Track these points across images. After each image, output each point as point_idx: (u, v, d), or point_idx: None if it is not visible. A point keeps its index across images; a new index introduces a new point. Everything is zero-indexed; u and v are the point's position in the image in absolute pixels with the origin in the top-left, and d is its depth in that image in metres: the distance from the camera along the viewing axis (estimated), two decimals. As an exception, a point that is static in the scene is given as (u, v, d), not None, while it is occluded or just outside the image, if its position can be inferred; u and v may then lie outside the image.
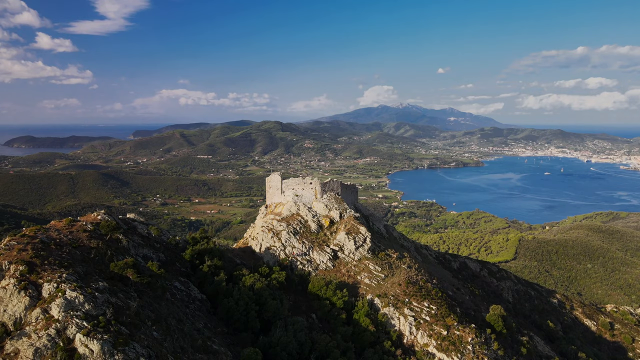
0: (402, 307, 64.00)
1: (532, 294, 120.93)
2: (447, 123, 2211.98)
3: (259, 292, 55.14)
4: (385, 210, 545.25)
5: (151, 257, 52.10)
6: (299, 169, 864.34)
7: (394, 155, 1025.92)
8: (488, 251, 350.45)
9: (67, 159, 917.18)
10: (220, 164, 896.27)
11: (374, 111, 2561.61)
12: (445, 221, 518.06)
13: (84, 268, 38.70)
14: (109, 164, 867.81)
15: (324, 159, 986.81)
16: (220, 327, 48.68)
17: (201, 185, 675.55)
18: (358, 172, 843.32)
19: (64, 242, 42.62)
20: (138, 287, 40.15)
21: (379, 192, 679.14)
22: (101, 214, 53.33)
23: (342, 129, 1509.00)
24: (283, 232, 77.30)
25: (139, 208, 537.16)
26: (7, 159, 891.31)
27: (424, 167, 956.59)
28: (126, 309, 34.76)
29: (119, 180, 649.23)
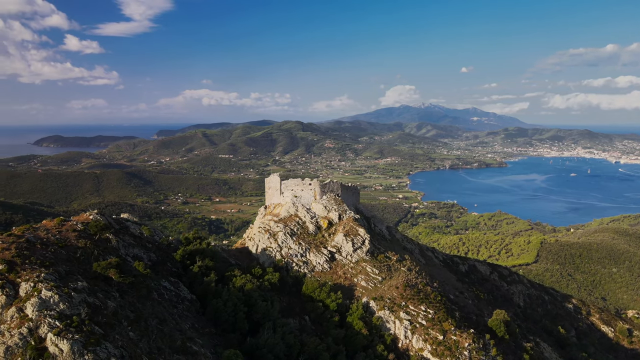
0: (398, 311, 63.10)
1: (546, 298, 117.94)
2: (470, 123, 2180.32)
3: (249, 294, 55.16)
4: (405, 211, 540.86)
5: (141, 257, 52.65)
6: (319, 169, 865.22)
7: (415, 155, 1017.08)
8: (509, 254, 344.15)
9: (93, 158, 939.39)
10: (241, 163, 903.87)
11: (396, 111, 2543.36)
12: (466, 222, 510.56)
13: (67, 267, 39.34)
14: (133, 163, 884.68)
15: (345, 159, 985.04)
16: (208, 328, 48.83)
17: (222, 184, 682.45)
18: (379, 172, 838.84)
19: (51, 241, 43.41)
20: (121, 287, 40.58)
21: (399, 192, 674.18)
22: (93, 213, 54.19)
23: (363, 129, 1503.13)
24: (280, 233, 77.19)
25: (160, 207, 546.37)
26: (37, 157, 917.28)
27: (446, 167, 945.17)
28: (103, 309, 35.10)
29: (142, 179, 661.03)
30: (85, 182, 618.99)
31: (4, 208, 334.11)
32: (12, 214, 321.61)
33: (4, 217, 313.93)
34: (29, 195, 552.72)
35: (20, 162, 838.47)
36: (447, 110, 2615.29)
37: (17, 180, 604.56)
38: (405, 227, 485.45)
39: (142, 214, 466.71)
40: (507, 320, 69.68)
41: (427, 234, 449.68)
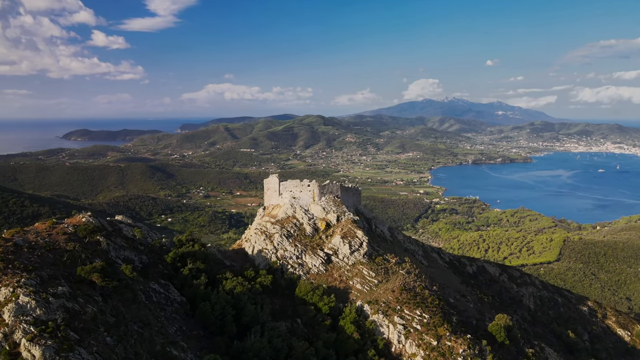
0: (392, 315, 62.28)
1: (559, 300, 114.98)
2: (494, 117, 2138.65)
3: (238, 297, 55.31)
4: (425, 206, 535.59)
5: (132, 259, 53.34)
6: (340, 163, 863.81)
7: (437, 150, 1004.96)
8: (530, 251, 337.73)
9: (119, 152, 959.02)
10: (263, 157, 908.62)
11: (418, 105, 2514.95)
12: (487, 219, 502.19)
13: (51, 272, 40.14)
14: (157, 157, 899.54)
15: (366, 153, 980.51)
16: (196, 331, 49.28)
17: (243, 178, 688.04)
18: (400, 167, 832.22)
19: (40, 245, 44.33)
20: (105, 291, 41.21)
21: (420, 187, 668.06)
22: (86, 216, 55.08)
23: (384, 123, 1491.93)
24: (276, 234, 76.99)
25: (182, 200, 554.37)
26: (65, 151, 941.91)
27: (468, 162, 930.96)
28: (82, 314, 35.71)
29: (165, 173, 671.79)
30: (110, 175, 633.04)
31: (32, 201, 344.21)
32: (39, 207, 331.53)
33: (32, 209, 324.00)
34: (57, 188, 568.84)
35: (49, 156, 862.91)
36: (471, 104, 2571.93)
37: (46, 173, 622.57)
38: (426, 223, 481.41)
39: (164, 207, 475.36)
40: (508, 325, 68.21)
41: (447, 230, 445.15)
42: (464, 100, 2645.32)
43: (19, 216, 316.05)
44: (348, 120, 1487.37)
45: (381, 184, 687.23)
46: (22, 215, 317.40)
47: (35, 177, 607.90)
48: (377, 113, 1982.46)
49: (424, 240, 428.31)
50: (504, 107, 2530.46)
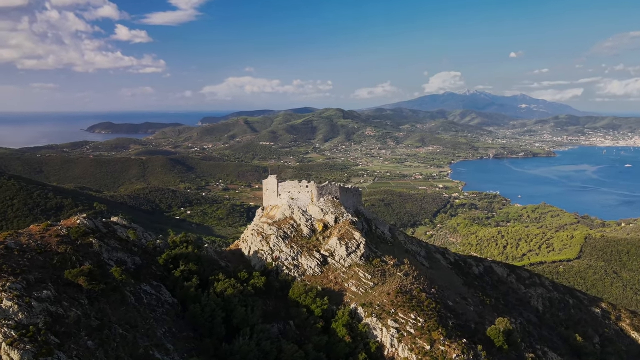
0: (386, 318, 61.80)
1: (571, 302, 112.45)
2: (517, 111, 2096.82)
3: (229, 299, 55.70)
4: (444, 201, 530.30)
5: (125, 261, 54.22)
6: (359, 157, 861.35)
7: (458, 144, 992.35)
8: (550, 249, 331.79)
9: (141, 145, 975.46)
10: (282, 150, 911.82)
11: (440, 98, 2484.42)
12: (508, 214, 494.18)
13: (39, 275, 41.11)
14: (178, 150, 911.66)
15: (385, 147, 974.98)
16: (186, 332, 49.90)
17: (262, 171, 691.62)
18: (419, 161, 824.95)
19: (31, 247, 45.39)
20: (92, 294, 42.00)
21: (439, 182, 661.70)
22: (80, 218, 56.18)
23: (405, 117, 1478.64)
24: (272, 236, 77.03)
25: (202, 193, 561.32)
26: (89, 144, 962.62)
27: (490, 157, 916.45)
28: (65, 318, 36.51)
29: (185, 166, 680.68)
30: (132, 168, 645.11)
31: (56, 193, 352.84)
32: (62, 199, 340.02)
33: (55, 201, 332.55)
34: (80, 180, 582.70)
35: (74, 148, 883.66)
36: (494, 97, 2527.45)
37: (70, 165, 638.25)
38: (444, 218, 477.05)
39: (183, 200, 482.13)
40: (508, 329, 67.00)
41: (465, 226, 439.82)
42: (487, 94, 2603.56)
43: (43, 208, 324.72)
44: (368, 113, 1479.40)
45: (400, 178, 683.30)
46: (46, 207, 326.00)
47: (60, 169, 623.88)
48: (397, 106, 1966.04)
49: (442, 235, 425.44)
50: (528, 100, 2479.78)
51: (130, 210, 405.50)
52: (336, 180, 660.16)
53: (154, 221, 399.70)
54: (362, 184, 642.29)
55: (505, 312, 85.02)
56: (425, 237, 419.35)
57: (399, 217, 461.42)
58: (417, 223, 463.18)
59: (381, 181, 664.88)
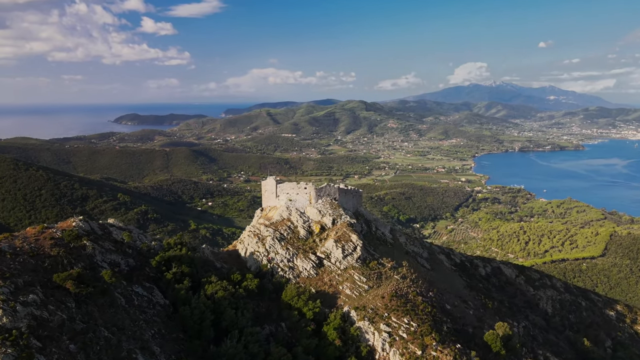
0: (378, 322, 61.39)
1: (583, 304, 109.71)
2: (545, 102, 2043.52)
3: (218, 301, 56.32)
4: (466, 195, 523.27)
5: (119, 263, 55.31)
6: (380, 149, 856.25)
7: (482, 136, 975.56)
8: (573, 245, 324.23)
9: (165, 136, 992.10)
10: (304, 142, 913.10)
11: (464, 90, 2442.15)
12: (531, 209, 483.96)
13: (28, 278, 42.40)
14: (201, 141, 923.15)
15: (408, 139, 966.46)
16: (175, 334, 50.80)
17: (283, 163, 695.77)
18: (442, 154, 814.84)
19: (24, 250, 46.74)
20: (79, 297, 43.12)
21: (462, 175, 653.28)
22: (76, 220, 57.46)
23: (428, 109, 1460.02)
24: (268, 237, 77.14)
25: (223, 184, 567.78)
26: (115, 135, 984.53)
27: (515, 150, 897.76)
28: (49, 322, 37.65)
29: (207, 157, 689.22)
30: (156, 159, 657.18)
31: (81, 184, 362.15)
32: (87, 190, 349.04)
33: (81, 192, 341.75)
34: (106, 171, 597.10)
35: (101, 139, 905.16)
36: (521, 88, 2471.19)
37: (97, 156, 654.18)
38: (465, 212, 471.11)
39: (205, 191, 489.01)
40: (507, 334, 65.85)
41: (487, 220, 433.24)
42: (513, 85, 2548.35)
43: (69, 198, 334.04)
44: (391, 105, 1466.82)
45: (422, 171, 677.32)
46: (72, 198, 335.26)
47: (87, 160, 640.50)
48: (420, 98, 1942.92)
49: (463, 229, 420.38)
50: (557, 91, 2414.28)
51: (152, 201, 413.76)
52: (357, 172, 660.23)
53: (176, 212, 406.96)
54: (383, 176, 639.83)
55: (509, 315, 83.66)
56: (445, 231, 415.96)
57: (420, 211, 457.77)
58: (437, 217, 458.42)
59: (403, 174, 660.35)
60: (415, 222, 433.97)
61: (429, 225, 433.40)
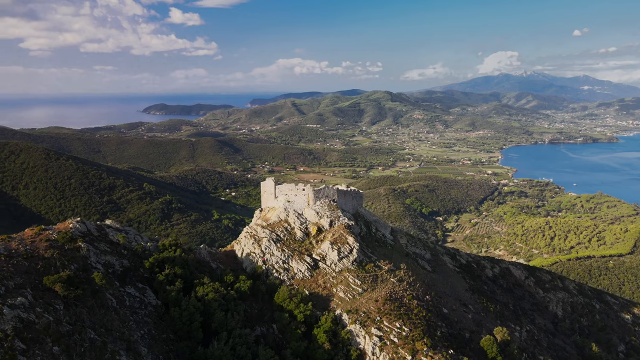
0: (370, 326, 61.10)
1: (597, 307, 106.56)
2: (579, 93, 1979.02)
3: (208, 303, 57.16)
4: (492, 188, 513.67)
5: (113, 264, 56.73)
6: (405, 141, 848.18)
7: (510, 128, 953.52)
8: (601, 242, 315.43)
9: (192, 126, 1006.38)
10: (328, 133, 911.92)
11: (494, 80, 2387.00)
12: (559, 204, 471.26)
13: (20, 280, 44.02)
14: (226, 131, 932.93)
15: (433, 130, 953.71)
16: (166, 334, 51.94)
17: (307, 154, 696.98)
18: (468, 146, 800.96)
19: (19, 252, 48.43)
20: (68, 299, 44.56)
21: (488, 168, 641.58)
22: (73, 222, 59.07)
23: (455, 100, 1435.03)
24: (264, 239, 77.34)
25: (247, 174, 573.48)
26: (144, 124, 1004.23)
27: (545, 142, 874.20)
28: (36, 324, 39.10)
29: (232, 147, 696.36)
30: (182, 149, 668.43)
31: (109, 173, 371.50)
32: (114, 179, 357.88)
33: (108, 181, 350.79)
34: (134, 160, 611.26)
35: (130, 129, 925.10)
36: (553, 78, 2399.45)
37: (125, 145, 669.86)
38: (490, 206, 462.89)
39: (229, 182, 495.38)
40: (506, 339, 64.66)
41: (512, 214, 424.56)
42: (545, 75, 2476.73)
43: (97, 187, 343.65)
44: (417, 96, 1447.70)
45: (447, 163, 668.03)
46: (99, 187, 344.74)
47: (116, 149, 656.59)
48: (448, 88, 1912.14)
49: (487, 223, 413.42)
50: (591, 81, 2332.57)
51: (177, 190, 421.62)
52: (381, 164, 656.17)
53: (200, 202, 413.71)
54: (407, 168, 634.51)
55: (512, 319, 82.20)
56: (469, 225, 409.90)
57: (443, 204, 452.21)
58: (461, 210, 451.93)
59: (427, 166, 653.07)
60: (438, 215, 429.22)
61: (452, 219, 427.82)
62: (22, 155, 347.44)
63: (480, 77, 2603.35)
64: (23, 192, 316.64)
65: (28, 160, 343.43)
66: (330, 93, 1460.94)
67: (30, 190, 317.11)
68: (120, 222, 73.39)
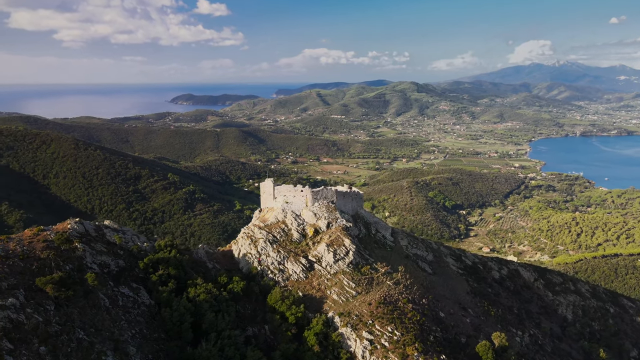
0: (361, 329, 60.96)
1: (611, 311, 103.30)
2: (614, 83, 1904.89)
3: (200, 304, 58.02)
4: (518, 181, 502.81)
5: (109, 264, 58.15)
6: (431, 132, 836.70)
7: (540, 120, 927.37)
8: (629, 239, 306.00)
9: (217, 116, 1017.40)
10: (352, 124, 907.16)
11: (524, 70, 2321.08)
12: (589, 199, 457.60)
13: (14, 281, 45.70)
14: (251, 122, 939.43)
15: (460, 122, 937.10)
16: (157, 334, 53.12)
17: (331, 145, 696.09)
18: (495, 138, 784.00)
19: (16, 253, 50.17)
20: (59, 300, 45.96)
21: (515, 160, 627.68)
22: (72, 222, 60.67)
23: (484, 90, 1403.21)
24: (261, 240, 77.56)
25: (270, 165, 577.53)
26: (171, 114, 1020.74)
27: (576, 134, 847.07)
28: (25, 324, 40.57)
29: (256, 138, 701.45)
30: (208, 139, 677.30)
31: (135, 163, 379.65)
32: (140, 169, 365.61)
33: (134, 171, 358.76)
34: (160, 150, 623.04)
35: (158, 119, 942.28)
36: (587, 68, 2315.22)
37: (152, 135, 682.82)
38: (516, 200, 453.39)
39: (252, 172, 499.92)
40: (503, 345, 63.51)
41: (538, 209, 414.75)
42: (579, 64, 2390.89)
43: (123, 177, 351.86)
44: (444, 86, 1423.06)
45: (472, 156, 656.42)
46: (125, 176, 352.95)
47: (144, 139, 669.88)
48: (476, 79, 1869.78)
49: (511, 218, 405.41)
50: (628, 71, 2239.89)
51: (201, 180, 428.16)
52: (405, 155, 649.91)
53: (223, 192, 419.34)
54: (432, 160, 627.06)
55: (514, 323, 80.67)
56: (493, 219, 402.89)
57: (467, 197, 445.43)
58: (485, 204, 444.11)
59: (452, 158, 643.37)
60: (461, 208, 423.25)
61: (475, 212, 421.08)
62: (53, 145, 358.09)
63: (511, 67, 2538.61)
64: (53, 181, 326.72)
65: (58, 150, 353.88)
66: (356, 84, 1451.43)
67: (60, 179, 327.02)
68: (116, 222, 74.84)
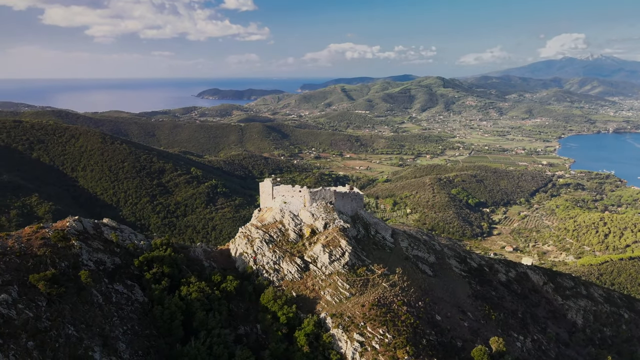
0: (352, 331, 60.62)
1: (625, 316, 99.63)
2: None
3: (191, 303, 58.75)
4: (546, 179, 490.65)
5: (105, 262, 59.48)
6: (456, 128, 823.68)
7: (570, 116, 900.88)
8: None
9: (242, 111, 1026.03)
10: (377, 119, 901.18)
11: (556, 64, 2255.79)
12: (620, 198, 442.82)
13: (8, 277, 47.25)
14: (276, 117, 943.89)
15: (487, 118, 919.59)
16: (149, 330, 54.16)
17: (354, 140, 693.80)
18: (523, 135, 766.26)
19: (14, 250, 51.81)
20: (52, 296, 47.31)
21: (543, 158, 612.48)
22: (70, 220, 62.19)
23: (512, 85, 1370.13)
24: (257, 239, 77.79)
25: (293, 160, 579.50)
26: (197, 109, 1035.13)
27: (609, 131, 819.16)
28: (15, 320, 41.90)
29: (280, 133, 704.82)
30: (232, 133, 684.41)
31: (159, 157, 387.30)
32: (164, 163, 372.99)
33: (158, 165, 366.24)
34: (185, 144, 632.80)
35: (184, 113, 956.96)
36: (623, 62, 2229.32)
37: (178, 130, 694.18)
38: (543, 198, 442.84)
39: (274, 167, 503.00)
40: (500, 350, 62.09)
41: (565, 208, 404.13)
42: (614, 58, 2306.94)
43: (147, 171, 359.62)
44: (471, 81, 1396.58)
45: (499, 153, 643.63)
46: (150, 170, 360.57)
47: (170, 133, 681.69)
48: (505, 74, 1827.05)
49: (537, 217, 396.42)
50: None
51: (223, 175, 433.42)
52: (429, 152, 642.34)
53: (245, 186, 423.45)
54: (456, 157, 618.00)
55: (516, 327, 78.85)
56: (517, 218, 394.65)
57: (491, 195, 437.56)
58: (510, 202, 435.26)
59: (477, 155, 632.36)
60: (485, 206, 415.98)
61: (499, 211, 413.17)
62: (81, 139, 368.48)
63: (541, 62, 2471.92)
64: (81, 174, 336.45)
65: (86, 143, 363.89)
66: (381, 79, 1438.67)
67: (88, 172, 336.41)
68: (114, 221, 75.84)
